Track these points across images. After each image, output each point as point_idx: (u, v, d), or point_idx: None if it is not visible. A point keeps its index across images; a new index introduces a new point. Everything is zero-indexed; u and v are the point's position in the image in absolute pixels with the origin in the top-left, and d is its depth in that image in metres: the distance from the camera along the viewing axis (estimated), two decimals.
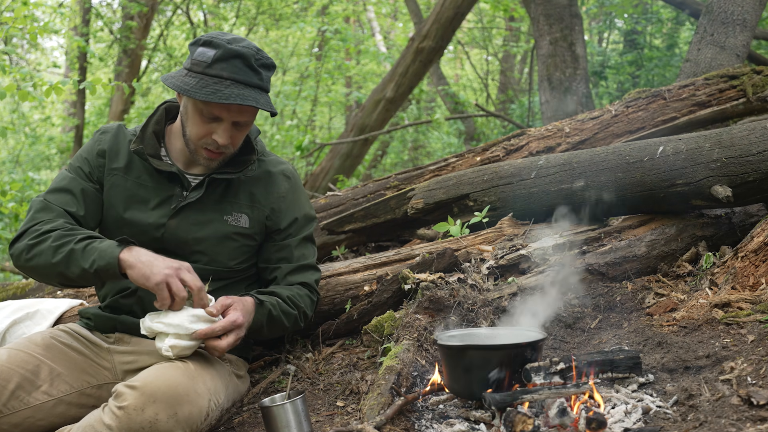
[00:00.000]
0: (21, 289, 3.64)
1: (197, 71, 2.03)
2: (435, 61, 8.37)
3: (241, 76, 2.02)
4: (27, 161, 12.84)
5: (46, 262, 2.00)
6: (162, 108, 2.25)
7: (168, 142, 2.25)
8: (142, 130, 2.20)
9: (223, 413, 2.08)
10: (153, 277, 1.89)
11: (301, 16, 12.19)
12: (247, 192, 2.25)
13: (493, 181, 2.94)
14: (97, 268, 1.94)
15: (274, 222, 2.28)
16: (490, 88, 13.28)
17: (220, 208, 2.21)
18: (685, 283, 2.51)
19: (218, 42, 2.03)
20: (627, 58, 8.71)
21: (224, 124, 2.07)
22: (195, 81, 2.02)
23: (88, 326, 2.24)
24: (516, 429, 1.73)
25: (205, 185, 2.18)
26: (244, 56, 2.03)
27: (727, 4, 4.16)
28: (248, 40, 2.11)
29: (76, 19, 10.60)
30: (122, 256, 1.93)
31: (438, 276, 2.46)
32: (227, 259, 2.22)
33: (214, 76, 2.01)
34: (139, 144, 2.17)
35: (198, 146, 2.12)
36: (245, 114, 2.08)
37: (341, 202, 3.50)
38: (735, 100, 3.50)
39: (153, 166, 2.17)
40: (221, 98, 1.98)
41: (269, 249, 2.30)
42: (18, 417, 1.94)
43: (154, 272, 1.89)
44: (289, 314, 2.21)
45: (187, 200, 2.18)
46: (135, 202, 2.18)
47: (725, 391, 1.78)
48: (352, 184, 7.49)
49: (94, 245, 1.97)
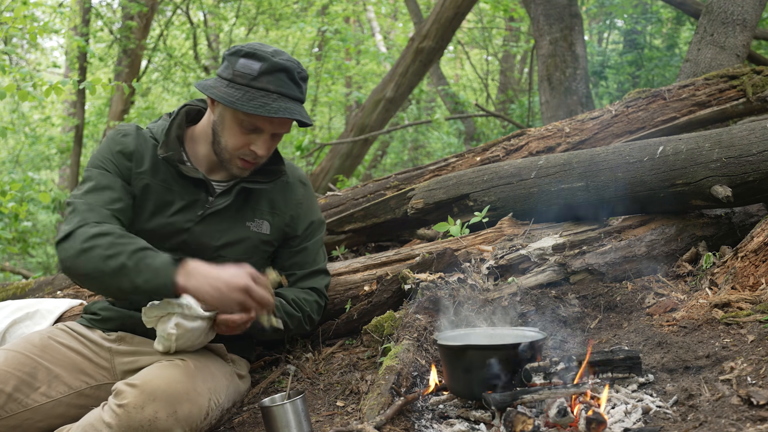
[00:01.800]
0: (21, 289, 3.64)
1: (241, 83, 2.03)
2: (435, 61, 8.37)
3: (286, 90, 2.04)
4: (27, 161, 12.84)
5: (97, 272, 1.91)
6: (183, 111, 2.23)
7: (189, 146, 2.23)
8: (165, 134, 2.16)
9: (223, 413, 2.08)
10: (228, 294, 1.86)
11: (301, 16, 12.20)
12: (267, 199, 2.26)
13: (493, 181, 2.94)
14: (150, 288, 1.88)
15: (292, 228, 2.31)
16: (490, 88, 13.29)
17: (243, 214, 2.22)
18: (685, 283, 2.51)
19: (263, 55, 2.03)
20: (627, 58, 8.71)
21: (264, 135, 2.09)
22: (240, 93, 2.01)
23: (92, 322, 2.22)
24: (516, 429, 1.73)
25: (234, 193, 2.18)
26: (289, 70, 2.05)
27: (727, 4, 4.16)
28: (287, 53, 2.12)
29: (76, 19, 10.60)
30: (180, 280, 1.87)
31: (438, 276, 2.46)
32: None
33: (260, 89, 2.02)
34: (166, 150, 2.14)
35: (234, 156, 2.12)
36: (286, 126, 2.11)
37: (341, 202, 3.50)
38: (735, 100, 3.50)
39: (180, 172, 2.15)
40: (269, 112, 1.99)
41: (284, 254, 2.33)
42: (16, 419, 1.94)
43: (226, 304, 1.87)
44: (293, 316, 2.23)
45: (214, 207, 2.17)
46: (162, 206, 2.16)
47: (725, 391, 1.78)
48: (352, 184, 7.49)
49: (147, 261, 1.90)
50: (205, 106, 2.27)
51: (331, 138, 11.26)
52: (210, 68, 11.87)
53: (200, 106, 2.27)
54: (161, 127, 2.22)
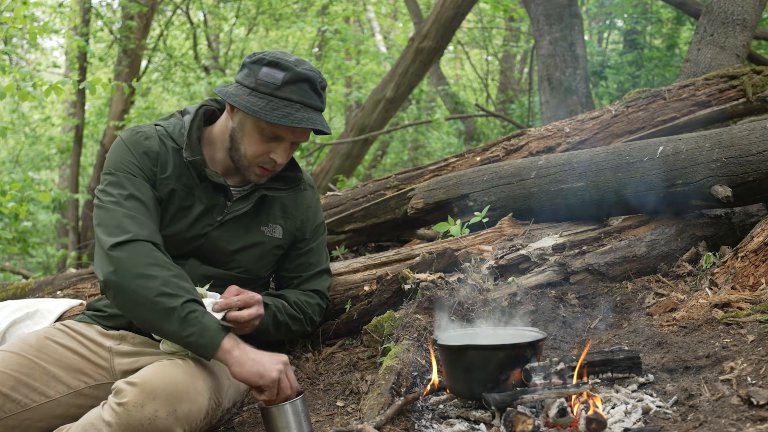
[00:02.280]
0: (21, 289, 3.64)
1: (265, 92, 2.02)
2: (435, 61, 8.37)
3: (308, 100, 2.04)
4: (27, 161, 12.84)
5: (147, 301, 1.89)
6: (200, 112, 2.21)
7: (205, 149, 2.21)
8: (188, 137, 2.13)
9: (223, 413, 2.08)
10: (268, 375, 1.87)
11: (301, 16, 12.20)
12: (280, 203, 2.27)
13: (493, 181, 2.94)
14: (192, 342, 1.88)
15: (301, 232, 2.33)
16: (490, 88, 13.29)
17: (258, 219, 2.23)
18: (685, 283, 2.51)
19: (286, 64, 2.03)
20: (627, 58, 8.71)
21: (284, 144, 2.09)
22: (264, 102, 2.01)
23: (94, 318, 2.20)
24: (516, 429, 1.73)
25: (253, 200, 2.19)
26: (311, 80, 2.05)
27: (727, 4, 4.16)
28: (308, 61, 2.11)
29: (76, 19, 10.59)
30: (226, 345, 1.88)
31: (438, 276, 2.46)
32: (260, 268, 2.26)
33: (284, 98, 2.02)
34: (192, 154, 2.11)
35: (253, 163, 2.11)
36: (305, 135, 2.11)
37: (341, 202, 3.50)
38: (735, 100, 3.50)
39: (203, 176, 2.14)
40: (293, 122, 2.00)
41: (290, 257, 2.34)
42: (15, 419, 1.94)
43: (268, 369, 1.88)
44: (295, 318, 2.26)
45: (233, 213, 2.18)
46: (182, 211, 2.15)
47: (725, 391, 1.78)
48: (352, 184, 7.49)
49: (197, 316, 1.88)
50: (218, 106, 2.25)
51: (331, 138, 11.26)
52: (210, 68, 11.87)
53: (215, 107, 2.25)
54: (177, 127, 2.18)
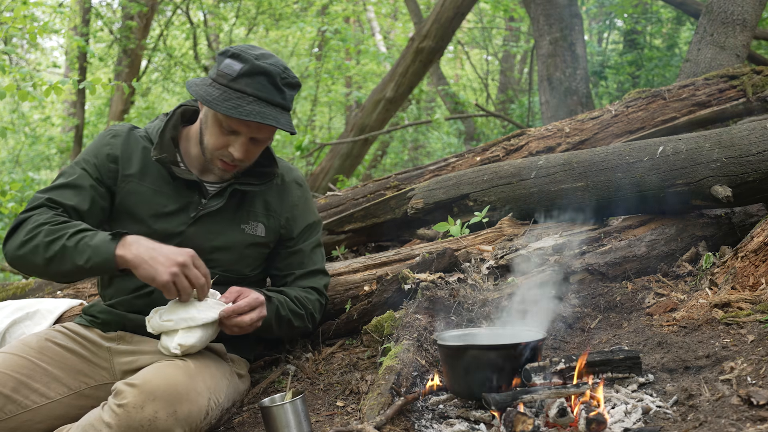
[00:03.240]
0: (21, 289, 3.64)
1: (222, 83, 2.02)
2: (435, 61, 8.37)
3: (264, 94, 2.01)
4: (27, 161, 12.84)
5: (40, 259, 1.96)
6: (178, 112, 2.23)
7: (183, 147, 2.22)
8: (160, 136, 2.15)
9: (223, 413, 2.08)
10: (159, 278, 1.87)
11: (301, 16, 12.19)
12: (262, 201, 2.26)
13: (493, 181, 2.94)
14: (92, 265, 1.91)
15: (288, 230, 2.30)
16: (490, 88, 13.29)
17: (237, 217, 2.21)
18: (685, 283, 2.51)
19: (246, 56, 2.02)
20: (627, 58, 8.71)
21: (242, 138, 2.07)
22: (218, 93, 2.00)
23: (92, 323, 2.21)
24: (516, 429, 1.73)
25: (226, 195, 2.17)
26: (270, 74, 2.02)
27: (727, 4, 4.16)
28: (277, 57, 2.09)
29: (76, 19, 10.60)
30: (119, 252, 1.90)
31: (438, 276, 2.46)
32: (243, 266, 2.24)
33: (237, 90, 2.00)
34: (160, 152, 2.13)
35: (214, 156, 2.11)
36: (264, 131, 2.07)
37: (341, 202, 3.50)
38: (735, 100, 3.50)
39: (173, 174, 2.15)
40: (241, 114, 1.97)
41: (281, 256, 2.33)
42: (16, 421, 1.93)
43: (159, 272, 1.87)
44: (297, 313, 2.23)
45: (207, 209, 2.17)
46: (153, 210, 2.15)
47: (725, 391, 1.78)
48: (352, 184, 7.48)
49: (86, 240, 1.92)
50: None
51: (331, 138, 11.26)
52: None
53: (196, 107, 2.26)
54: (156, 128, 2.21)
